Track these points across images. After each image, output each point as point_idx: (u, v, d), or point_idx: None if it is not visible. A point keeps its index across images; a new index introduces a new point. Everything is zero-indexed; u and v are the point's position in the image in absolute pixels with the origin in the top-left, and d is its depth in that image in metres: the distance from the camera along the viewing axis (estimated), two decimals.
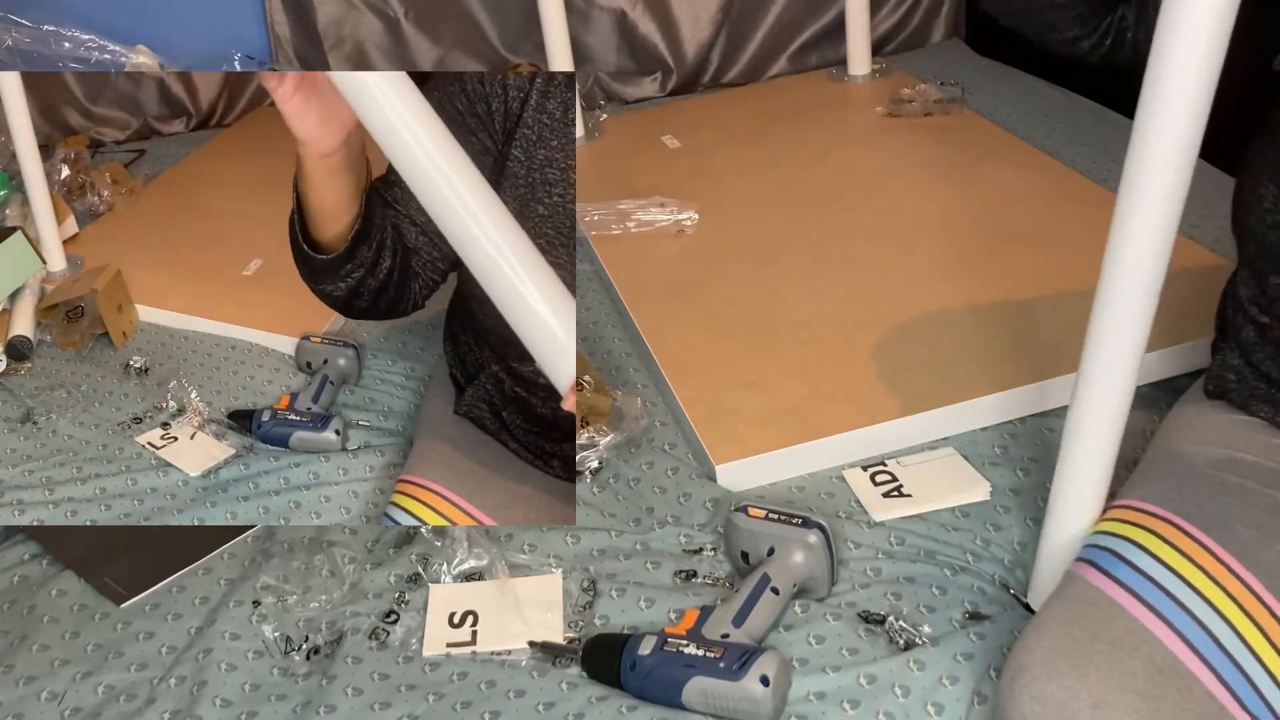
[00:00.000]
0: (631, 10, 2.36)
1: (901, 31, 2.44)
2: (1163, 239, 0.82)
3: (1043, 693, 0.79)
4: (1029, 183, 1.74)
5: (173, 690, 1.08)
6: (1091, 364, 0.90)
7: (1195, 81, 0.76)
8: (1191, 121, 0.78)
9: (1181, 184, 0.80)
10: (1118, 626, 0.82)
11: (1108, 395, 0.90)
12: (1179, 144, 0.78)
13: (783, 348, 1.43)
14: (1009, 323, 1.39)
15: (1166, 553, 0.86)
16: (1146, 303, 0.85)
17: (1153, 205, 0.81)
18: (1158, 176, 0.80)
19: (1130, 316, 0.86)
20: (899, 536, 1.14)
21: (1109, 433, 0.92)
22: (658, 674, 0.97)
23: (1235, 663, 0.80)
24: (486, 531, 1.18)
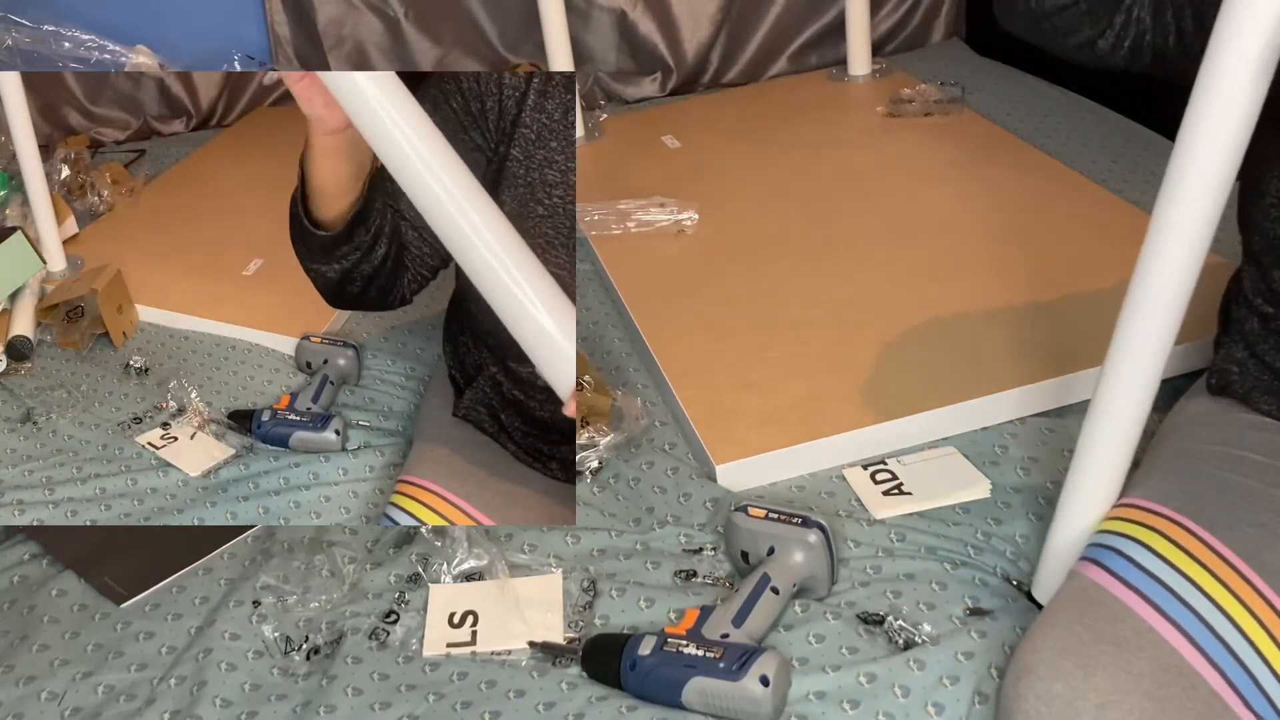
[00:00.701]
0: (631, 10, 2.36)
1: (901, 31, 2.44)
2: (1199, 245, 0.82)
3: (1048, 692, 0.79)
4: (1029, 183, 1.74)
5: (173, 690, 1.08)
6: (1118, 360, 0.89)
7: (1242, 102, 0.77)
8: (1235, 138, 0.78)
9: (1219, 199, 0.81)
10: (1123, 626, 0.81)
11: (1131, 392, 0.89)
12: (1221, 161, 0.79)
13: (783, 347, 1.43)
14: (1009, 323, 1.39)
15: (1171, 552, 0.86)
16: (1178, 304, 0.85)
17: (1192, 211, 0.81)
18: (1197, 193, 0.80)
19: (1162, 318, 0.85)
20: (899, 533, 1.14)
21: (1129, 430, 0.92)
22: (658, 674, 0.97)
23: (1240, 662, 0.80)
24: (486, 531, 1.18)
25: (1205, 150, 0.79)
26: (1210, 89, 0.77)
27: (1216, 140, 0.78)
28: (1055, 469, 1.20)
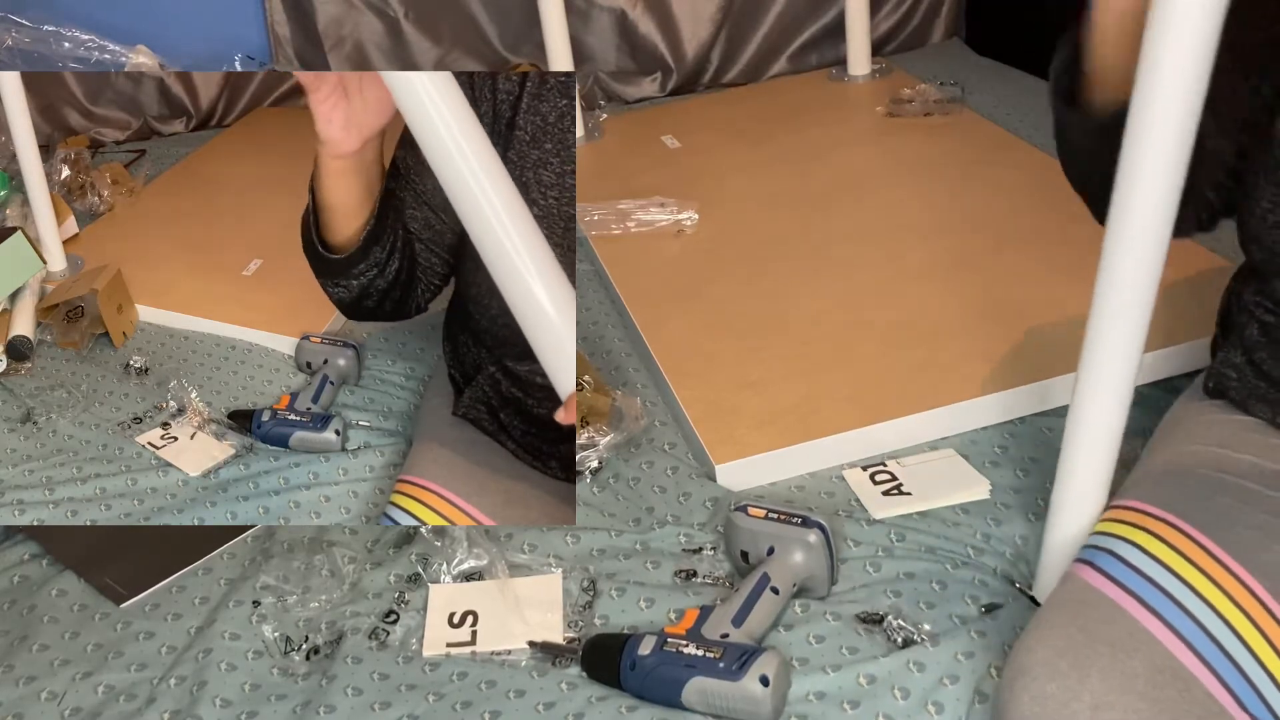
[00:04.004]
0: (631, 10, 2.36)
1: (901, 31, 2.44)
2: (1159, 240, 0.82)
3: (1043, 693, 0.79)
4: (1029, 183, 1.74)
5: (173, 690, 1.08)
6: (1091, 363, 0.90)
7: (1185, 88, 0.77)
8: (1183, 128, 0.78)
9: (1174, 187, 0.80)
10: (1118, 628, 0.82)
11: (1108, 393, 0.90)
12: (1172, 148, 0.79)
13: (783, 347, 1.43)
14: (1008, 323, 1.39)
15: (1166, 554, 0.86)
16: (1145, 301, 0.85)
17: (1148, 206, 0.81)
18: (1152, 181, 0.80)
19: (1130, 316, 0.86)
20: (899, 533, 1.14)
21: (1111, 430, 0.93)
22: (658, 674, 0.97)
23: (1235, 664, 0.80)
24: (486, 531, 1.18)
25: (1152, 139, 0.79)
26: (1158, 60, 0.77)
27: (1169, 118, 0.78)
28: (1055, 469, 1.20)
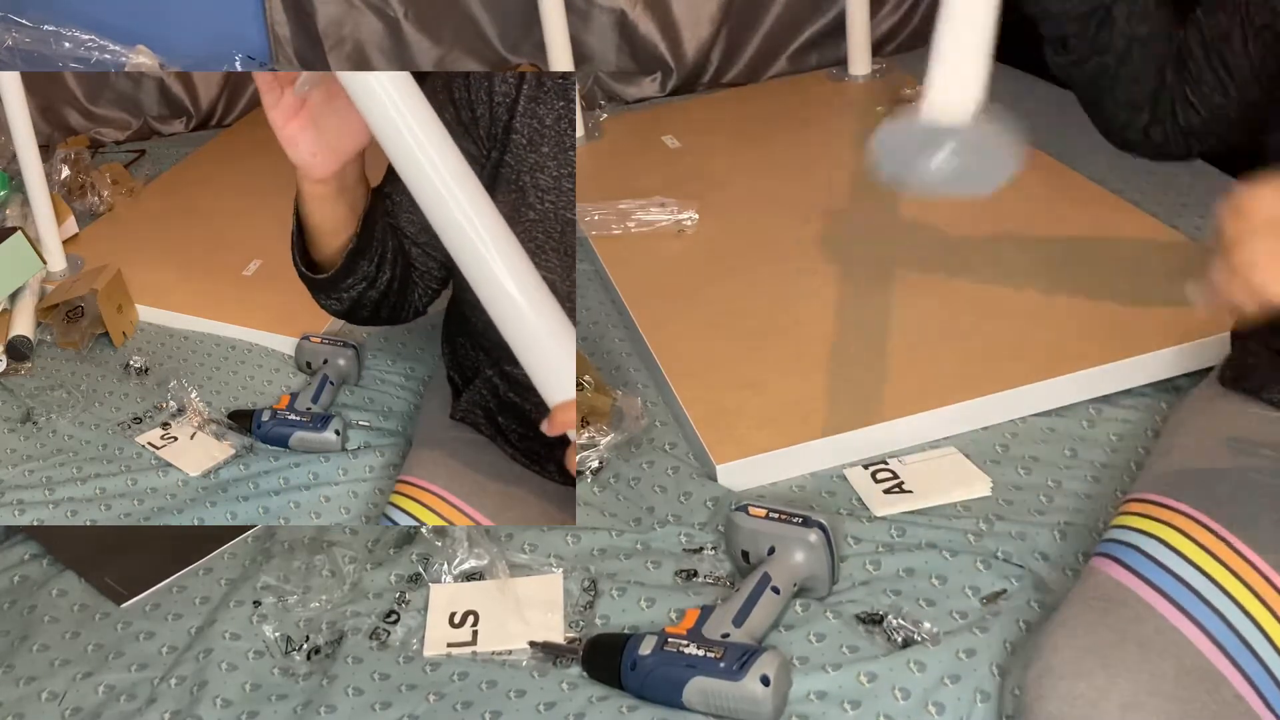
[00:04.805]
0: (631, 10, 2.36)
1: (901, 31, 2.43)
2: None
3: (1072, 692, 0.78)
4: (1028, 183, 1.73)
5: (173, 690, 1.08)
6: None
7: None
8: None
9: None
10: (1147, 626, 0.81)
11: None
12: None
13: (783, 347, 1.43)
14: (1009, 322, 1.39)
15: (1191, 550, 0.85)
16: None
17: None
18: None
19: None
20: (900, 529, 1.14)
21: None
22: (658, 674, 0.97)
23: (1263, 664, 0.79)
24: (487, 531, 1.18)
25: None
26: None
27: None
28: (1056, 468, 1.20)
